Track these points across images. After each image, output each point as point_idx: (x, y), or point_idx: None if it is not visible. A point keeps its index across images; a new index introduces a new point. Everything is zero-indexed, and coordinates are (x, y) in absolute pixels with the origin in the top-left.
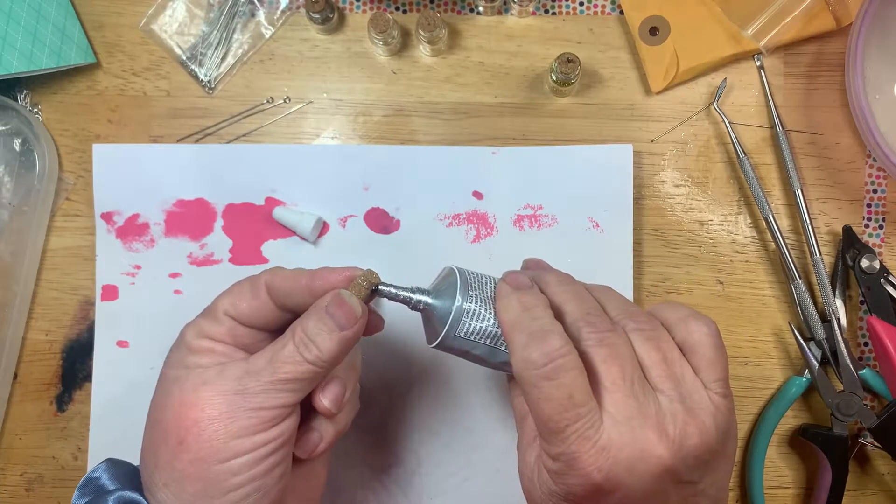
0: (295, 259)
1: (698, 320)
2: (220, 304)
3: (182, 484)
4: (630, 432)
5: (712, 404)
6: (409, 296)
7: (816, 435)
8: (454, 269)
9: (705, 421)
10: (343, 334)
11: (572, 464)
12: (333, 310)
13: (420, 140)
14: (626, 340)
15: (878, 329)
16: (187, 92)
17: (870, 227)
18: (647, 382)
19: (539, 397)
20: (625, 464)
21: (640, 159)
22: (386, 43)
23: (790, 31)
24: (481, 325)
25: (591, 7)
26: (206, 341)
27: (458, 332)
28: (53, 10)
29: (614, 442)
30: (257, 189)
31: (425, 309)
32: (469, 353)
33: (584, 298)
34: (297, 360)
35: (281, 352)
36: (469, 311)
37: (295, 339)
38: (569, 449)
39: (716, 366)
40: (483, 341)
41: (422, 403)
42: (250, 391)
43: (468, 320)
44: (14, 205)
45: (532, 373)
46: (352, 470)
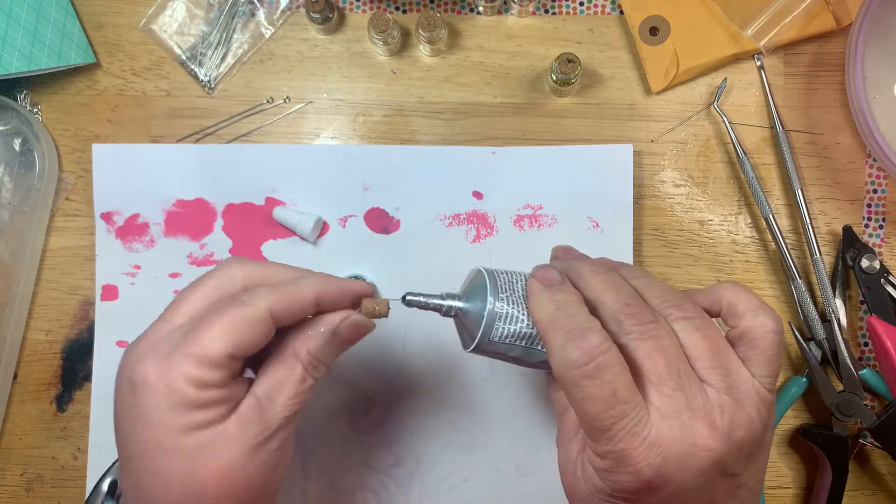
0: (295, 259)
1: (767, 314)
2: (214, 344)
3: None
4: (680, 427)
5: (758, 396)
6: (440, 303)
7: (816, 435)
8: (482, 270)
9: (751, 412)
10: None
11: (622, 461)
12: (348, 334)
13: (420, 140)
14: (670, 331)
15: (878, 329)
16: (187, 92)
17: (870, 227)
18: (694, 373)
19: (582, 397)
20: (676, 458)
21: (640, 159)
22: (386, 43)
23: (790, 31)
24: (515, 328)
25: (591, 7)
26: (212, 392)
27: (492, 337)
28: (53, 10)
29: (664, 437)
30: (257, 189)
31: (457, 315)
32: (506, 356)
33: (621, 288)
34: (310, 384)
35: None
36: (501, 314)
37: (305, 364)
38: (616, 447)
39: (772, 363)
40: (519, 343)
41: (422, 403)
42: (275, 431)
43: (501, 324)
44: (14, 205)
45: (573, 372)
46: (352, 470)
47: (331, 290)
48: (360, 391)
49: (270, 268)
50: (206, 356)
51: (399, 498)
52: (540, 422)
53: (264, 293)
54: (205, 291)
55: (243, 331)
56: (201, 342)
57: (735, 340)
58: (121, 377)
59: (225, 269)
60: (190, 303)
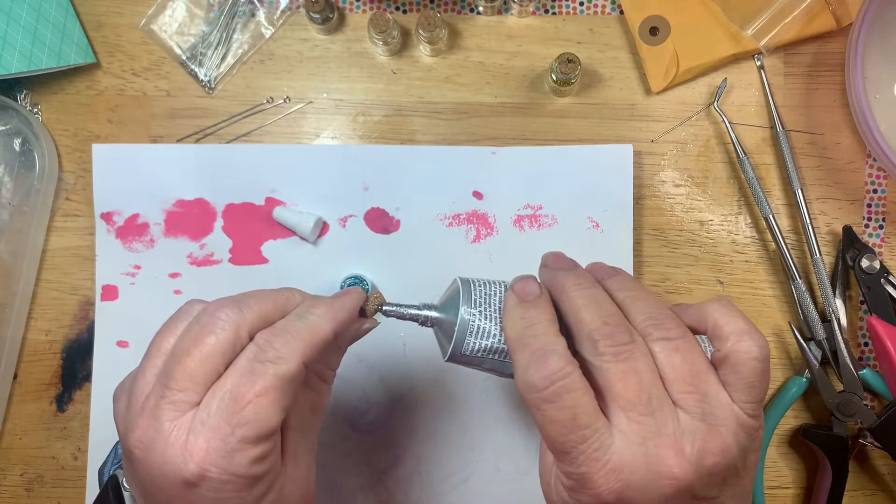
0: (295, 259)
1: (753, 340)
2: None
3: None
4: (643, 454)
5: (736, 421)
6: (417, 313)
7: (816, 435)
8: (458, 281)
9: (726, 439)
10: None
11: (583, 483)
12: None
13: (420, 140)
14: (646, 352)
15: (878, 329)
16: (187, 92)
17: (870, 227)
18: (668, 397)
19: (542, 420)
20: (638, 485)
21: (640, 159)
22: (386, 43)
23: (790, 31)
24: (486, 343)
25: (591, 7)
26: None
27: (463, 351)
28: (53, 9)
29: (626, 463)
30: (257, 189)
31: (434, 325)
32: (480, 367)
33: (602, 305)
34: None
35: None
36: (473, 329)
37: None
38: (578, 469)
39: (754, 390)
40: (491, 357)
41: (422, 403)
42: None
43: (472, 339)
44: (14, 205)
45: (533, 395)
46: (352, 471)
47: (341, 317)
48: (360, 391)
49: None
50: (262, 434)
51: (399, 498)
52: None
53: (292, 348)
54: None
55: (288, 392)
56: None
57: (718, 363)
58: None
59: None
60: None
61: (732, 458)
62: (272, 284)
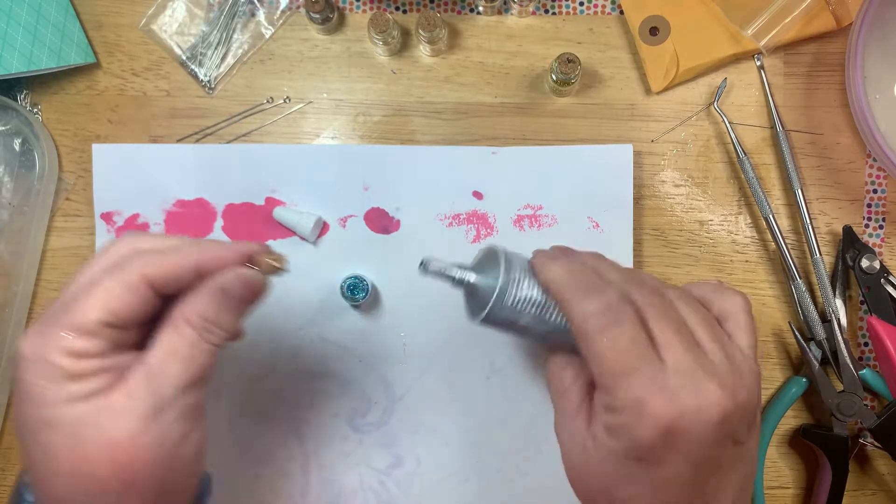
0: (295, 259)
1: (732, 291)
2: (90, 314)
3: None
4: (693, 383)
5: (749, 366)
6: (454, 274)
7: (816, 435)
8: (494, 246)
9: (749, 380)
10: (246, 309)
11: (640, 409)
12: (238, 290)
13: (420, 140)
14: (672, 304)
15: (879, 329)
16: (187, 92)
17: (870, 226)
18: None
19: (604, 345)
20: (691, 411)
21: (640, 159)
22: (386, 43)
23: (790, 31)
24: (528, 293)
25: (591, 7)
26: (90, 362)
27: (505, 302)
28: (53, 10)
29: (679, 391)
30: (257, 189)
31: (469, 284)
32: (516, 324)
33: (619, 267)
34: (202, 348)
35: (182, 345)
36: (515, 279)
37: (195, 327)
38: (636, 394)
39: (749, 333)
40: (530, 310)
41: (422, 403)
42: (169, 400)
43: (514, 289)
44: (14, 205)
45: (593, 323)
46: (352, 471)
47: (211, 252)
48: (360, 391)
49: (160, 239)
50: (80, 325)
51: (399, 498)
52: (540, 422)
53: (139, 260)
54: (91, 269)
55: (117, 297)
56: (75, 312)
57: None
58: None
59: (114, 245)
60: (76, 281)
61: (754, 398)
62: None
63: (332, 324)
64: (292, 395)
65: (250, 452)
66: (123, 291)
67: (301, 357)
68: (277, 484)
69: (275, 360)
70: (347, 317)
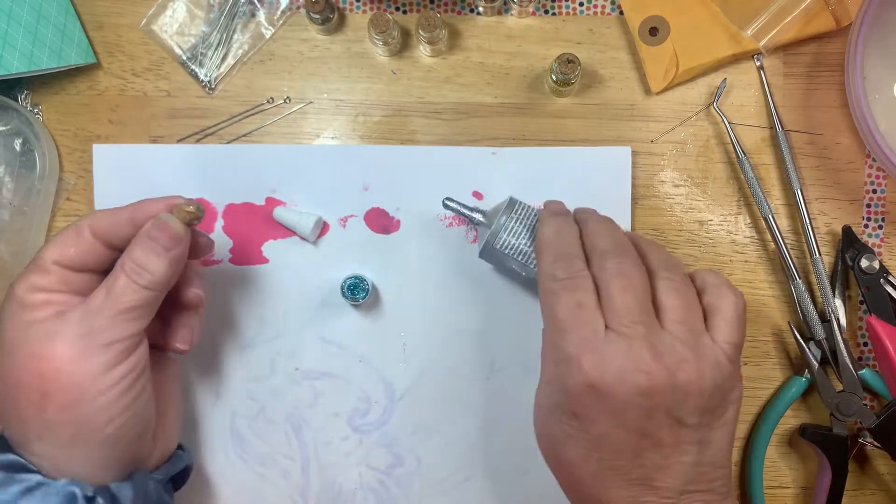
0: (295, 259)
1: (731, 289)
2: (46, 255)
3: (55, 432)
4: (627, 348)
5: (715, 358)
6: (465, 211)
7: (816, 435)
8: (511, 197)
9: (702, 366)
10: (170, 255)
11: (572, 363)
12: (157, 234)
13: (420, 140)
14: (645, 278)
15: (878, 329)
16: (188, 92)
17: (869, 227)
18: (658, 322)
19: (554, 302)
20: (616, 371)
21: (639, 159)
22: (386, 43)
23: (790, 32)
24: (516, 242)
25: (591, 7)
26: (40, 294)
27: (495, 244)
28: (54, 10)
29: (610, 353)
30: (257, 189)
31: (477, 222)
32: (504, 266)
33: (618, 237)
34: (133, 288)
35: (115, 284)
36: (508, 228)
37: (126, 270)
38: (572, 350)
39: (733, 329)
40: (516, 256)
41: (422, 403)
42: (97, 328)
43: (505, 236)
44: (14, 205)
45: (553, 284)
46: (352, 470)
47: (145, 205)
48: (360, 391)
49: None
50: (36, 264)
51: (399, 498)
52: None
53: (89, 215)
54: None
55: (64, 241)
56: (37, 256)
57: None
58: None
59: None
60: None
61: (706, 384)
62: (272, 284)
63: (332, 324)
64: (292, 395)
65: (250, 452)
66: (72, 237)
67: (301, 357)
68: (277, 484)
69: (275, 360)
70: (347, 317)
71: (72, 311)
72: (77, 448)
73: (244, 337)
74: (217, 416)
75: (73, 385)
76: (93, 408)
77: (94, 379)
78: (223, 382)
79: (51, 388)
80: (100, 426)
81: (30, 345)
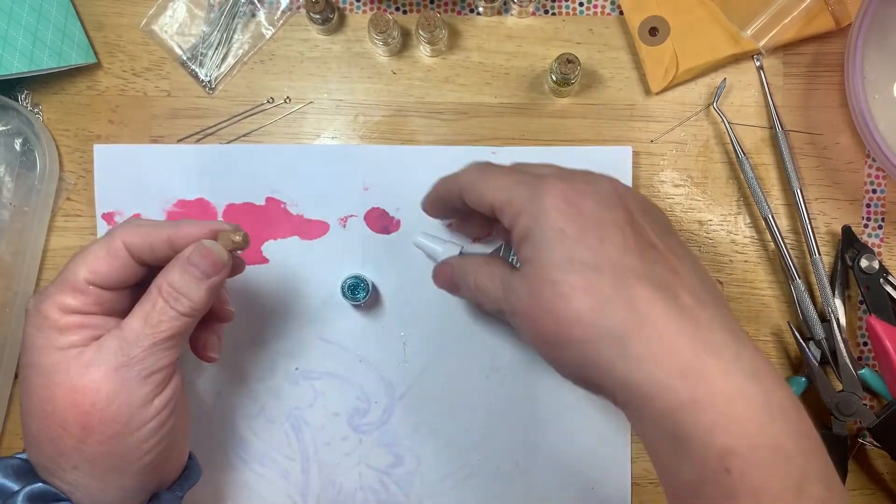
0: (295, 259)
1: None
2: (77, 273)
3: (94, 463)
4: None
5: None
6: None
7: None
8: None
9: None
10: (211, 282)
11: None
12: (198, 260)
13: (420, 140)
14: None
15: (878, 329)
16: (188, 92)
17: (869, 226)
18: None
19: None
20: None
21: (639, 159)
22: (386, 43)
23: (789, 32)
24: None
25: (591, 7)
26: (74, 317)
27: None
28: (54, 10)
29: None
30: (257, 189)
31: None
32: None
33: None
34: (171, 315)
35: (153, 311)
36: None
37: (164, 295)
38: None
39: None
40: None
41: (422, 403)
42: (135, 359)
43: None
44: (15, 205)
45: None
46: (352, 470)
47: (185, 228)
48: (360, 391)
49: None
50: (68, 283)
51: (399, 498)
52: (540, 420)
53: (122, 229)
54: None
55: (100, 260)
56: (67, 273)
57: None
58: None
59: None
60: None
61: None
62: (272, 284)
63: (332, 324)
64: (292, 395)
65: (250, 452)
66: (106, 254)
67: (301, 357)
68: (277, 484)
69: (275, 360)
70: (347, 317)
71: (108, 338)
72: (113, 478)
73: (244, 337)
74: (217, 416)
75: (114, 419)
76: (133, 440)
77: (135, 412)
78: (223, 382)
79: (91, 422)
80: (139, 456)
81: (69, 376)
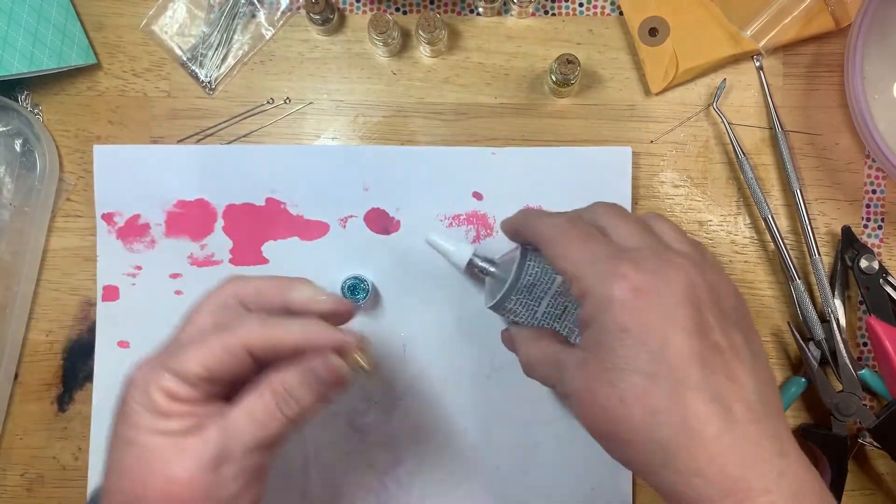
0: (295, 259)
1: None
2: (188, 365)
3: None
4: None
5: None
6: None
7: (816, 435)
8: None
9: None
10: (325, 394)
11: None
12: (322, 372)
13: (420, 141)
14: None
15: (877, 329)
16: (188, 93)
17: (869, 227)
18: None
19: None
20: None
21: (639, 160)
22: (386, 44)
23: (789, 32)
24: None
25: (591, 8)
26: (177, 405)
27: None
28: (54, 10)
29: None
30: (257, 189)
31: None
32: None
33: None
34: (277, 417)
35: (261, 409)
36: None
37: (275, 395)
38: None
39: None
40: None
41: (422, 403)
42: (233, 456)
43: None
44: (15, 205)
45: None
46: (352, 471)
47: (313, 335)
48: (361, 391)
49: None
50: (180, 372)
51: (399, 498)
52: (540, 420)
53: (248, 327)
54: (202, 316)
55: (217, 358)
56: (180, 360)
57: None
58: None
59: (219, 293)
60: (189, 324)
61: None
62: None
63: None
64: None
65: None
66: (224, 354)
67: None
68: (277, 484)
69: None
70: None
71: (212, 429)
72: None
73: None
74: None
75: None
76: None
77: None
78: None
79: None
80: None
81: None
